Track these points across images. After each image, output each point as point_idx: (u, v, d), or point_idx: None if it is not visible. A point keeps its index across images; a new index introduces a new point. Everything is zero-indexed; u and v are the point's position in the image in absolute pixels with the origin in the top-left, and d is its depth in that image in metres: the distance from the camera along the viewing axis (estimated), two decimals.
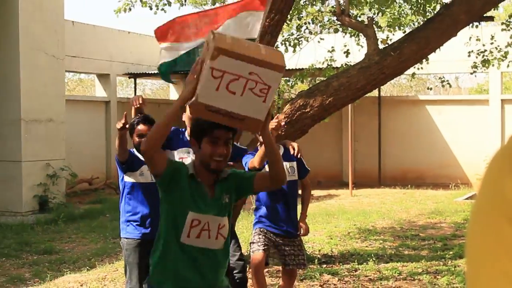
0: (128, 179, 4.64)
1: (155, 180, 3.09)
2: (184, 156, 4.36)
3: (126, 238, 4.59)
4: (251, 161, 4.39)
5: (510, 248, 0.61)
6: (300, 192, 5.11)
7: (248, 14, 5.07)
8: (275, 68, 2.78)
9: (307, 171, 4.98)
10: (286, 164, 4.60)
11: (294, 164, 4.83)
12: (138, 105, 4.60)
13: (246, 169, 4.38)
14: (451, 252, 7.53)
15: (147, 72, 16.18)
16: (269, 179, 2.99)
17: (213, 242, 2.93)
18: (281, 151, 4.72)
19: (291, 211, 4.85)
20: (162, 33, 5.33)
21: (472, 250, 0.65)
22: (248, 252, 4.90)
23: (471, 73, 10.73)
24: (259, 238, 4.75)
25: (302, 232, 4.95)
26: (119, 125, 4.32)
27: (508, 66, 10.09)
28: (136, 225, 4.57)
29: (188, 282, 2.93)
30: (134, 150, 4.68)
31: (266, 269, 5.40)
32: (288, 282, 4.97)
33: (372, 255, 7.32)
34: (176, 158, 4.32)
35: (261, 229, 4.79)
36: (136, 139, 4.60)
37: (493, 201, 0.64)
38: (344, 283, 6.24)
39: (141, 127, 4.50)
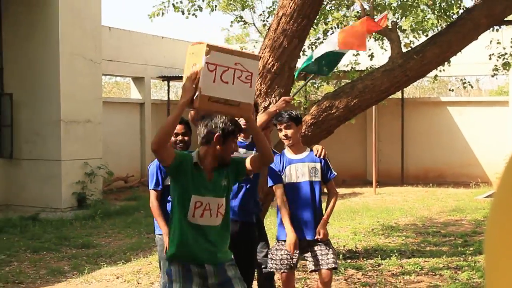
0: None
1: (165, 169, 3.55)
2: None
3: (159, 235, 4.81)
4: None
5: None
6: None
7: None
8: (253, 57, 3.52)
9: (332, 175, 4.71)
10: (309, 165, 4.67)
11: (318, 165, 4.65)
12: None
13: (276, 169, 4.62)
14: (471, 248, 7.58)
15: (180, 75, 16.18)
16: (258, 158, 3.55)
17: (214, 219, 3.47)
18: (307, 152, 4.73)
19: (311, 213, 4.62)
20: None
21: (490, 245, 0.64)
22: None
23: (492, 76, 10.75)
24: (282, 255, 4.61)
25: (320, 238, 4.60)
26: None
27: None
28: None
29: (196, 251, 3.44)
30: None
31: None
32: (323, 286, 4.66)
33: (395, 250, 7.41)
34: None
35: (283, 244, 4.63)
36: (172, 138, 4.97)
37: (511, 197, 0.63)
38: (368, 278, 6.30)
39: (177, 126, 4.87)
